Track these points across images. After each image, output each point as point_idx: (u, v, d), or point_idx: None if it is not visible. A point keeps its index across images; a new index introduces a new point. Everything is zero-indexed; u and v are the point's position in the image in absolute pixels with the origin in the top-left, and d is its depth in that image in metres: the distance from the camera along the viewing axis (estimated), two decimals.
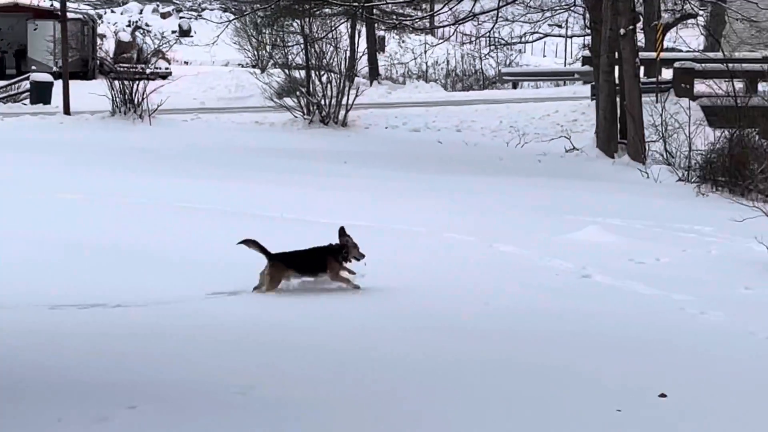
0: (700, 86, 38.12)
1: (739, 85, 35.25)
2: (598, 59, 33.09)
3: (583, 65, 48.97)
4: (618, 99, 32.52)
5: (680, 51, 49.77)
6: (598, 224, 16.61)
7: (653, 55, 40.14)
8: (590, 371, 8.36)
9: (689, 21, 53.20)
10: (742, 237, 15.72)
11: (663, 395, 7.67)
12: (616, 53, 32.04)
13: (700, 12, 52.92)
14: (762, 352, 9.17)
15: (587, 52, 46.02)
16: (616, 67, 32.38)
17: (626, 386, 7.95)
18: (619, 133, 32.73)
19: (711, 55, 41.04)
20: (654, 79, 39.12)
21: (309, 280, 11.36)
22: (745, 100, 31.23)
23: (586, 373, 8.30)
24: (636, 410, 7.42)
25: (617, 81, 32.61)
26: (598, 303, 11.18)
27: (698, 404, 7.59)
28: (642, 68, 36.12)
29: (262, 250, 11.15)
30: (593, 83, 36.92)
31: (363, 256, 11.43)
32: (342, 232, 11.46)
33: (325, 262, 11.31)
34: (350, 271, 11.46)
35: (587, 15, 39.79)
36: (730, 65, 34.62)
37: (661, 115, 31.59)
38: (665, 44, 47.60)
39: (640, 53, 34.84)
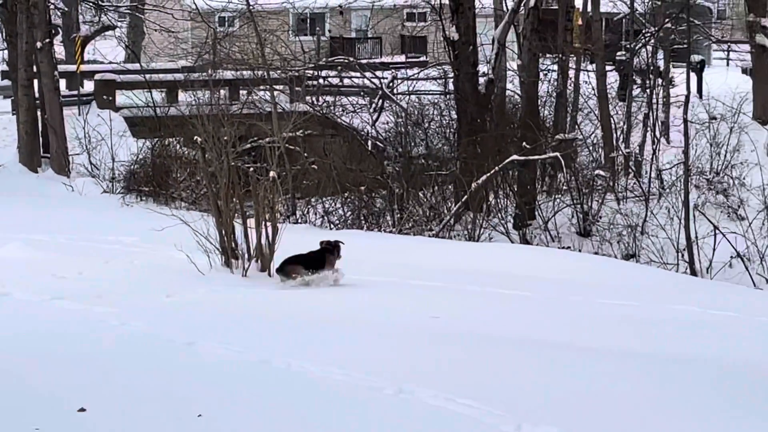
0: (121, 97, 38.46)
1: (158, 95, 36.06)
2: (16, 73, 32.65)
3: (2, 80, 47.87)
4: (39, 113, 32.26)
5: (102, 63, 49.96)
6: (21, 240, 16.38)
7: (74, 67, 40.02)
8: (8, 389, 8.24)
9: (108, 33, 53.62)
10: (164, 246, 16.05)
11: (82, 410, 7.69)
12: (35, 67, 31.76)
13: (119, 23, 53.52)
14: (180, 357, 9.39)
15: (5, 66, 45.12)
16: (36, 81, 32.11)
17: (45, 403, 7.90)
18: (43, 147, 32.47)
19: (131, 66, 41.53)
20: (76, 92, 39.00)
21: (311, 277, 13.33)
22: (164, 110, 32.02)
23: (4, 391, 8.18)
24: (56, 426, 7.39)
25: (37, 95, 32.34)
26: (20, 322, 11.01)
27: (118, 415, 7.65)
28: (63, 81, 35.94)
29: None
30: (13, 98, 36.27)
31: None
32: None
33: (324, 259, 13.52)
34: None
35: (4, 28, 39.03)
36: (150, 76, 35.33)
37: (83, 127, 31.71)
38: (86, 56, 47.62)
39: (59, 66, 34.75)
